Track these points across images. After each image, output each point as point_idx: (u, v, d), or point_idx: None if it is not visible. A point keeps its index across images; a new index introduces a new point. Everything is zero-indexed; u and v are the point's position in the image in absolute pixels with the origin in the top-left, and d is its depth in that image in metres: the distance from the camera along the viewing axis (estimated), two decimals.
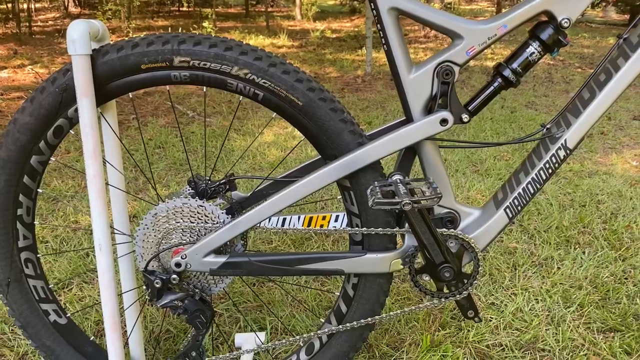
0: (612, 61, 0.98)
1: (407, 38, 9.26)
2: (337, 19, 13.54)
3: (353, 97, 4.57)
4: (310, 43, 8.16)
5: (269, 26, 10.05)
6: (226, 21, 11.66)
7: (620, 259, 1.79)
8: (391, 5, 0.96)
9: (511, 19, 0.95)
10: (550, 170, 1.00)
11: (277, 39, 8.27)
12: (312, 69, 5.94)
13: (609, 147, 3.27)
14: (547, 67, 6.78)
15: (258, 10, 14.72)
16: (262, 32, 9.02)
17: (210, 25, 8.37)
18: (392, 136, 0.99)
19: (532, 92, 5.04)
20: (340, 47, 7.80)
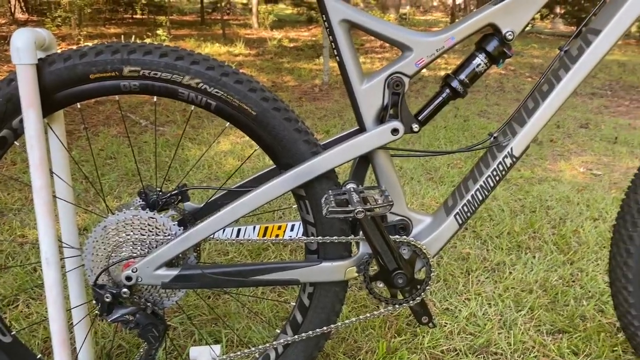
0: (554, 72, 1.02)
1: (364, 48, 9.39)
2: (295, 27, 13.59)
3: (311, 105, 4.58)
4: (268, 52, 8.15)
5: (225, 34, 9.98)
6: (181, 29, 11.51)
7: (568, 263, 1.85)
8: (343, 18, 0.97)
9: (458, 32, 0.98)
10: (497, 177, 1.04)
11: (234, 47, 8.22)
12: (270, 77, 5.93)
13: (558, 154, 3.40)
14: (499, 76, 7.00)
15: (214, 18, 14.59)
16: (218, 40, 8.94)
17: (164, 33, 8.25)
18: (346, 145, 1.00)
19: (484, 101, 5.18)
20: (297, 56, 7.82)
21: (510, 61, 8.37)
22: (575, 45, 1.02)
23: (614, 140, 3.78)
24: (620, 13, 0.96)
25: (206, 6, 15.57)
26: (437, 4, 23.45)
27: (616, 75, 7.53)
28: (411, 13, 17.78)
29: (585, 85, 6.58)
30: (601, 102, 5.56)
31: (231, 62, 6.60)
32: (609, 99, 5.80)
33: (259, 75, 5.99)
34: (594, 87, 6.50)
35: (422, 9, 23.73)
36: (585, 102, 5.50)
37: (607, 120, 4.55)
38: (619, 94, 6.12)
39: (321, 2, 0.97)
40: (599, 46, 0.98)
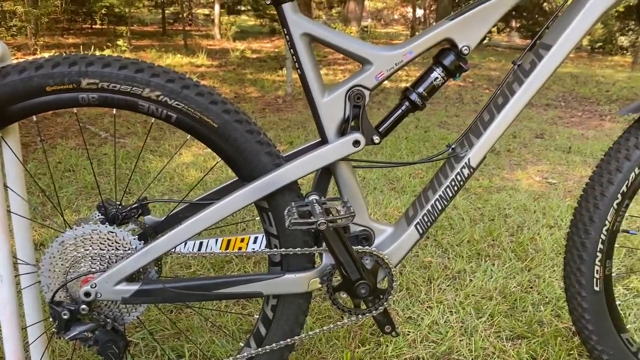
0: (509, 86, 1.06)
1: (327, 60, 9.47)
2: (258, 39, 13.60)
3: (274, 117, 4.59)
4: (230, 63, 8.13)
5: (187, 45, 9.91)
6: (142, 39, 11.37)
7: (526, 270, 1.90)
8: (304, 31, 0.98)
9: (416, 46, 1.01)
10: (456, 187, 1.06)
11: (196, 58, 8.17)
12: (232, 88, 5.91)
13: (515, 163, 3.49)
14: (458, 88, 7.17)
15: (176, 29, 14.48)
16: (180, 51, 8.87)
17: (124, 44, 8.14)
18: (308, 157, 1.01)
19: (444, 112, 5.29)
20: (260, 67, 7.83)
21: (469, 74, 8.59)
22: (528, 59, 1.06)
23: (567, 149, 3.91)
24: (569, 29, 1.01)
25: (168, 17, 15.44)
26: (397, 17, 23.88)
27: (569, 87, 7.81)
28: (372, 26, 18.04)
29: (540, 96, 6.80)
30: (555, 113, 5.75)
31: (193, 73, 6.56)
32: (563, 110, 6.01)
33: (222, 87, 5.97)
34: (549, 99, 6.72)
35: (383, 22, 24.10)
36: (540, 113, 5.68)
37: (561, 131, 4.71)
38: (572, 105, 6.35)
39: (282, 16, 0.98)
40: (550, 60, 1.02)
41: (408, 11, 21.76)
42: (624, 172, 1.09)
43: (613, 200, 1.11)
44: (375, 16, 23.80)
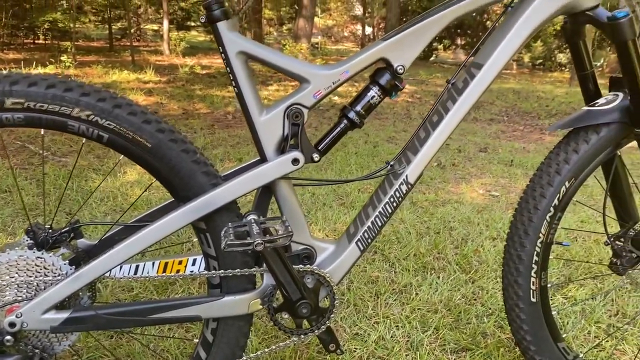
0: (443, 104, 1.08)
1: (277, 75, 9.48)
2: (208, 54, 13.49)
3: (224, 133, 4.54)
4: (179, 79, 8.02)
5: (134, 61, 9.72)
6: (88, 55, 11.09)
7: (470, 282, 1.94)
8: (240, 50, 0.98)
9: (352, 66, 1.02)
10: (395, 203, 1.07)
11: (144, 74, 8.02)
12: (181, 105, 5.82)
13: (460, 177, 3.58)
14: (406, 104, 7.32)
15: (123, 45, 14.20)
16: (127, 67, 8.69)
17: (69, 60, 7.91)
18: (247, 176, 1.00)
19: (392, 127, 5.39)
20: (210, 83, 7.76)
21: (416, 89, 8.80)
22: (461, 78, 1.09)
23: (510, 163, 4.05)
24: (499, 49, 1.04)
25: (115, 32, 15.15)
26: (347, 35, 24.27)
27: (511, 102, 8.11)
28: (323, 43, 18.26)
29: (485, 112, 7.03)
30: (499, 127, 5.95)
31: (140, 90, 6.41)
32: (506, 124, 6.23)
33: (170, 103, 5.87)
34: (492, 114, 6.95)
35: (334, 39, 24.45)
36: (484, 127, 5.87)
37: (504, 145, 4.87)
38: (515, 120, 6.59)
39: (218, 35, 0.97)
40: (482, 79, 1.05)
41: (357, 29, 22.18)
42: (555, 186, 1.13)
43: (546, 214, 1.14)
44: (326, 33, 24.11)
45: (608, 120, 1.09)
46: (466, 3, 1.02)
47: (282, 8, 17.61)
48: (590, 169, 1.15)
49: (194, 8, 16.32)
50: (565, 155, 1.13)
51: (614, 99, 1.11)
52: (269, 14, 17.89)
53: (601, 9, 1.06)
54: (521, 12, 1.04)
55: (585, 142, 1.12)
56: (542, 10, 1.03)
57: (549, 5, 1.03)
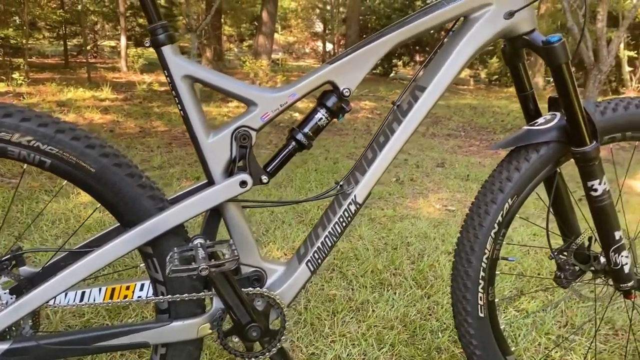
0: (389, 125, 1.11)
1: None
2: None
3: (181, 151, 4.49)
4: (137, 96, 7.91)
5: (90, 78, 9.53)
6: (42, 72, 10.82)
7: (425, 297, 1.97)
8: (185, 74, 0.98)
9: (299, 88, 1.03)
10: (344, 223, 1.09)
11: (100, 91, 7.88)
12: (138, 123, 5.74)
13: (417, 192, 3.64)
14: (366, 120, 7.42)
15: (79, 61, 13.92)
16: (83, 85, 8.52)
17: (21, 77, 7.69)
18: (194, 199, 0.99)
19: (352, 143, 5.44)
20: (168, 101, 7.67)
21: (376, 105, 8.92)
22: (406, 100, 1.11)
23: (466, 177, 4.14)
24: (441, 72, 1.08)
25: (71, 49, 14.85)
26: (309, 51, 24.48)
27: (468, 117, 8.32)
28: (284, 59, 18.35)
29: (442, 127, 7.19)
30: (456, 142, 6.09)
31: (96, 108, 6.27)
32: (463, 139, 6.39)
33: (127, 121, 5.78)
34: (450, 129, 7.11)
35: (295, 55, 24.62)
36: (442, 142, 5.99)
37: (460, 159, 4.98)
38: (471, 135, 6.76)
39: (162, 59, 0.97)
40: (425, 101, 1.08)
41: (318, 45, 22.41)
42: (499, 203, 1.16)
43: (490, 230, 1.18)
44: (287, 50, 24.26)
45: (547, 139, 1.14)
46: (408, 28, 1.05)
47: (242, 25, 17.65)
48: (531, 186, 1.18)
49: None
50: (508, 173, 1.17)
51: (552, 118, 1.16)
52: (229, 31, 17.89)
53: (537, 34, 1.10)
54: (461, 37, 1.08)
55: (526, 160, 1.16)
56: (480, 35, 1.07)
57: (486, 31, 1.07)
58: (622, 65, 16.03)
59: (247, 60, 9.48)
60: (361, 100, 9.52)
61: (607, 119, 1.15)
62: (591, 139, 1.11)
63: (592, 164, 1.13)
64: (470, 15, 1.08)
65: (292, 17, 20.61)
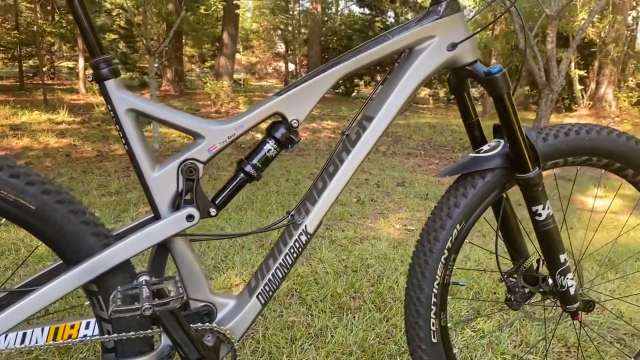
0: (338, 155, 1.12)
1: (199, 113, 9.40)
2: None
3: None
4: (95, 118, 7.76)
5: (47, 100, 9.31)
6: None
7: (384, 320, 1.97)
8: (129, 107, 0.97)
9: (247, 120, 1.03)
10: (295, 254, 1.08)
11: (56, 114, 7.70)
12: (95, 146, 5.62)
13: (378, 212, 3.67)
14: (328, 140, 7.46)
15: (35, 83, 13.58)
16: (38, 107, 8.31)
17: None
18: (139, 235, 0.97)
19: (314, 164, 5.46)
20: None
21: (338, 125, 9.00)
22: (354, 130, 1.13)
23: (425, 196, 4.21)
24: (387, 102, 1.10)
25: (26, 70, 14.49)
26: (271, 71, 24.58)
27: (428, 136, 8.48)
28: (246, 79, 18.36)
29: (403, 146, 7.30)
30: (416, 161, 6.19)
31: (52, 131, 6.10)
32: (422, 157, 6.50)
33: (84, 144, 5.65)
34: (410, 148, 7.23)
35: (258, 76, 24.66)
36: (402, 162, 6.08)
37: (420, 178, 5.06)
38: (431, 153, 6.88)
39: (105, 93, 0.96)
40: (373, 131, 1.09)
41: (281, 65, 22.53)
42: (447, 229, 1.18)
43: (440, 256, 1.19)
44: (250, 70, 24.29)
45: (492, 166, 1.17)
46: (354, 60, 1.07)
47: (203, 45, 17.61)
48: (479, 212, 1.21)
49: (111, 45, 15.96)
50: (455, 200, 1.19)
51: (497, 145, 1.19)
52: (191, 51, 17.83)
53: (479, 64, 1.14)
54: (406, 69, 1.10)
55: (472, 187, 1.18)
56: (424, 66, 1.10)
57: (430, 62, 1.10)
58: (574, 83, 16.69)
59: (208, 81, 9.45)
60: (323, 120, 9.60)
61: (549, 145, 1.19)
62: (534, 166, 1.14)
63: (536, 190, 1.16)
64: (414, 47, 1.11)
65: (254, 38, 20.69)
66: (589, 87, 16.72)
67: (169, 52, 13.15)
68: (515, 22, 6.33)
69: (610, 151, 1.23)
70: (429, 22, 1.10)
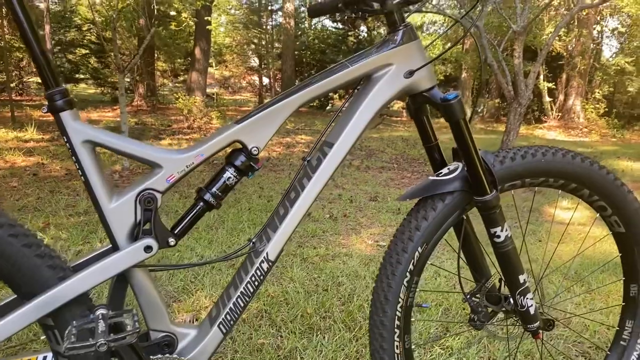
0: (299, 181, 1.12)
1: (171, 129, 9.33)
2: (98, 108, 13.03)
3: None
4: None
5: (14, 117, 9.11)
6: None
7: (354, 340, 1.97)
8: (85, 139, 0.96)
9: (207, 148, 1.03)
10: (256, 282, 1.08)
11: (24, 132, 7.55)
12: (64, 165, 5.52)
13: (350, 228, 3.68)
14: (302, 154, 7.47)
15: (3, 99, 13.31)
16: (5, 125, 8.14)
17: None
18: (97, 267, 0.96)
19: (287, 179, 5.46)
20: None
21: (312, 139, 9.02)
22: (315, 156, 1.14)
23: (397, 211, 4.23)
24: (347, 128, 1.11)
25: None
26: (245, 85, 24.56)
27: (401, 149, 8.56)
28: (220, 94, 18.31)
29: (376, 160, 7.36)
30: (389, 175, 6.24)
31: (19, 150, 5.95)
32: (395, 171, 6.55)
33: (52, 163, 5.55)
34: (383, 161, 7.28)
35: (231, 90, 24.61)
36: (375, 176, 6.12)
37: (392, 192, 5.10)
38: (403, 167, 6.94)
39: (61, 124, 0.95)
40: (333, 158, 1.10)
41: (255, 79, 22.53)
42: (409, 252, 1.20)
43: (403, 279, 1.20)
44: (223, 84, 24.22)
45: (451, 189, 1.19)
46: (314, 88, 1.08)
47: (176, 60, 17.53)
48: (440, 234, 1.23)
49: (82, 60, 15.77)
50: (416, 223, 1.21)
51: (456, 168, 1.21)
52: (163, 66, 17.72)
53: (436, 90, 1.16)
54: (365, 95, 1.12)
55: (432, 209, 1.20)
56: (382, 93, 1.12)
57: (388, 89, 1.12)
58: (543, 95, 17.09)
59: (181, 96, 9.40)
60: (297, 134, 9.62)
61: (507, 168, 1.21)
62: (491, 189, 1.16)
63: (494, 212, 1.18)
64: (373, 74, 1.12)
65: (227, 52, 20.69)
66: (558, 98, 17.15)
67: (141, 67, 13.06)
68: (483, 37, 6.47)
69: (566, 172, 1.26)
70: (386, 50, 1.12)
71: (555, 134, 14.35)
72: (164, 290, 2.33)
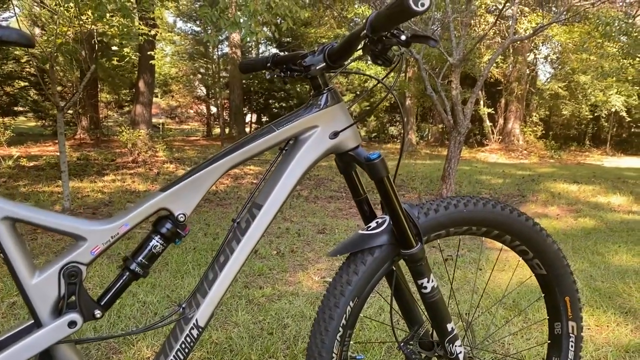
0: (229, 244, 1.14)
1: (115, 163, 9.12)
2: (38, 142, 12.60)
3: (47, 238, 4.19)
4: (1, 174, 7.33)
5: None
6: None
7: None
8: (4, 215, 0.94)
9: (132, 218, 1.03)
10: (187, 349, 1.08)
11: None
12: None
13: (298, 264, 3.68)
14: (251, 186, 7.44)
15: None
16: None
17: None
18: (17, 347, 0.94)
19: (235, 215, 5.41)
20: (37, 177, 7.20)
21: (262, 170, 9.01)
22: (244, 218, 1.15)
23: None
24: (276, 190, 1.14)
25: None
26: (193, 114, 24.34)
27: None
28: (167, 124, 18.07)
29: (325, 189, 7.41)
30: (337, 204, 6.29)
31: None
32: (344, 200, 6.61)
33: None
34: (332, 190, 7.34)
35: (179, 119, 24.34)
36: (324, 206, 6.16)
37: (340, 224, 5.14)
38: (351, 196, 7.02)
39: None
40: (262, 219, 1.13)
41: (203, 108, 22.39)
42: (341, 307, 1.22)
43: (336, 334, 1.22)
44: (170, 114, 23.93)
45: (379, 243, 1.23)
46: (241, 152, 1.11)
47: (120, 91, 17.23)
48: (371, 286, 1.26)
49: (21, 93, 15.26)
50: (347, 277, 1.23)
51: (383, 222, 1.26)
52: (107, 98, 17.38)
53: (360, 149, 1.21)
54: (292, 157, 1.15)
55: (362, 263, 1.23)
56: (309, 154, 1.15)
57: (314, 150, 1.16)
58: (484, 120, 17.77)
59: (124, 130, 9.22)
60: (246, 165, 9.59)
61: (431, 219, 1.26)
62: (416, 241, 1.21)
63: (420, 264, 1.23)
64: (299, 136, 1.16)
65: (173, 83, 20.51)
66: (498, 122, 17.88)
67: (84, 100, 12.76)
68: (422, 69, 6.70)
69: (487, 220, 1.32)
70: (311, 113, 1.16)
71: (497, 157, 14.90)
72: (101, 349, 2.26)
